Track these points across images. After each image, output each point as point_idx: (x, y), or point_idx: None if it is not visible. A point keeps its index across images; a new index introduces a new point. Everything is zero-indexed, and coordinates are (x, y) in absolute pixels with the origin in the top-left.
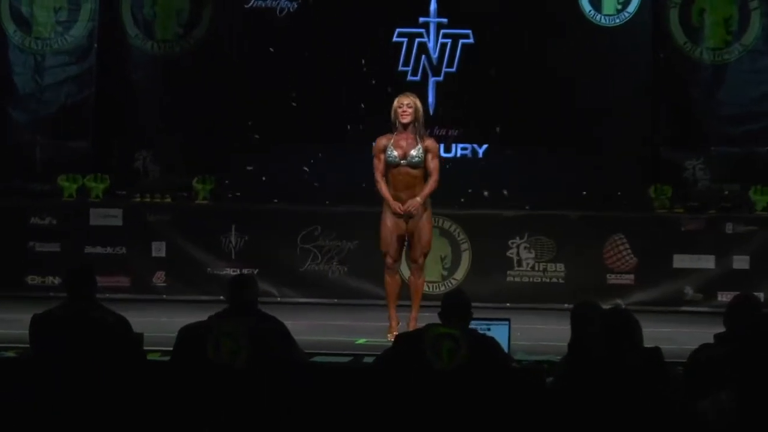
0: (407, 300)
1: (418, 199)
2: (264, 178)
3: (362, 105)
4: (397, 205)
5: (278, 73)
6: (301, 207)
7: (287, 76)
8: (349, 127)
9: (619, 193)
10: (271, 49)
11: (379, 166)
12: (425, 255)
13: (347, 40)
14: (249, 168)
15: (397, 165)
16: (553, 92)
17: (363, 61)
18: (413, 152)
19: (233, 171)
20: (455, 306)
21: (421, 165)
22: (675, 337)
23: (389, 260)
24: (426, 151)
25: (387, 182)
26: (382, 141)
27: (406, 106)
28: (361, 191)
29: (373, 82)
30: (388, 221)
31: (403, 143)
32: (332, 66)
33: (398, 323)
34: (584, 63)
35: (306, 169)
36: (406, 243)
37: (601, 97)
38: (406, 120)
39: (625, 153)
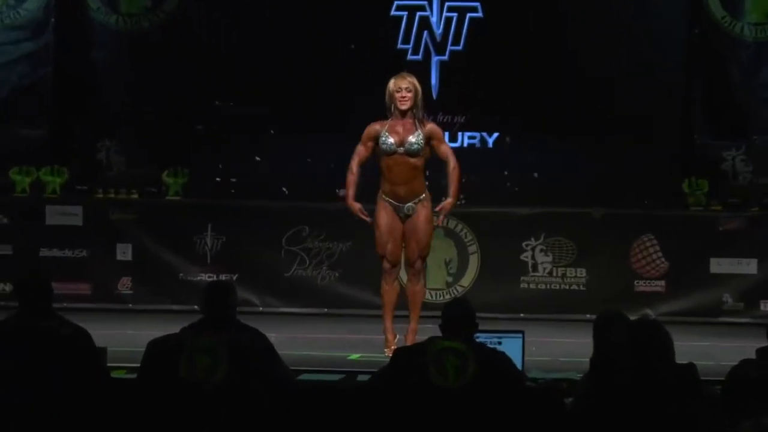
0: (407, 310)
1: (451, 199)
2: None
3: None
4: (357, 209)
5: (259, 52)
6: (286, 204)
7: (270, 55)
8: (341, 113)
9: (648, 188)
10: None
11: (361, 153)
12: (423, 258)
13: (337, 13)
14: (258, 159)
15: (393, 153)
16: (573, 73)
17: (352, 46)
18: (412, 138)
19: (209, 163)
20: (457, 318)
21: (421, 153)
22: (712, 351)
23: (387, 265)
24: (429, 137)
25: (382, 175)
26: (374, 127)
27: (404, 90)
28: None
29: (364, 57)
30: (382, 219)
31: (400, 129)
32: (320, 43)
33: (396, 337)
34: (608, 39)
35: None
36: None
37: (628, 79)
38: (405, 107)
39: (655, 142)
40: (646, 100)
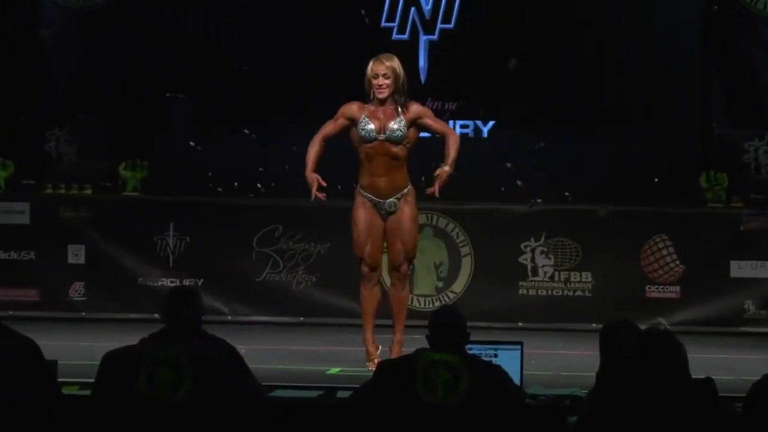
0: (390, 318)
1: (447, 168)
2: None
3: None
4: (315, 180)
5: (228, 32)
6: (257, 200)
7: (240, 37)
8: (317, 100)
9: (661, 183)
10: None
11: (328, 127)
12: (410, 261)
13: None
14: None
15: (373, 140)
16: (577, 55)
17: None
18: (393, 125)
19: (170, 154)
20: (445, 327)
21: (404, 141)
22: (732, 365)
23: (365, 268)
24: (416, 119)
25: (361, 166)
26: (352, 107)
27: (382, 77)
28: (333, 180)
29: (343, 38)
30: (360, 217)
31: (381, 115)
32: (296, 21)
33: (378, 349)
34: (616, 17)
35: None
36: (386, 246)
37: (638, 61)
38: (383, 95)
39: (669, 131)
40: (658, 85)
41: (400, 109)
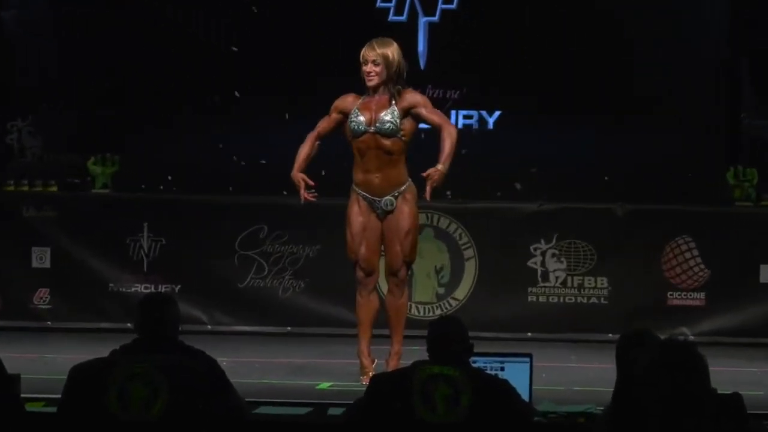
0: (386, 328)
1: (440, 166)
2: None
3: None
4: (300, 180)
5: (212, 13)
6: (240, 198)
7: (225, 19)
8: (308, 89)
9: (684, 179)
10: None
11: (322, 124)
12: (408, 265)
13: None
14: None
15: (363, 133)
16: (592, 38)
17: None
18: (385, 116)
19: (144, 149)
20: (444, 338)
21: (398, 134)
22: (762, 378)
23: (360, 273)
24: (410, 108)
25: (354, 162)
26: (346, 99)
27: (371, 63)
28: (324, 176)
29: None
30: (354, 216)
31: (373, 106)
32: (292, 13)
33: (374, 362)
34: (635, 1)
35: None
36: (383, 248)
37: (659, 45)
38: (372, 83)
39: (693, 123)
40: (681, 71)
41: (393, 99)
